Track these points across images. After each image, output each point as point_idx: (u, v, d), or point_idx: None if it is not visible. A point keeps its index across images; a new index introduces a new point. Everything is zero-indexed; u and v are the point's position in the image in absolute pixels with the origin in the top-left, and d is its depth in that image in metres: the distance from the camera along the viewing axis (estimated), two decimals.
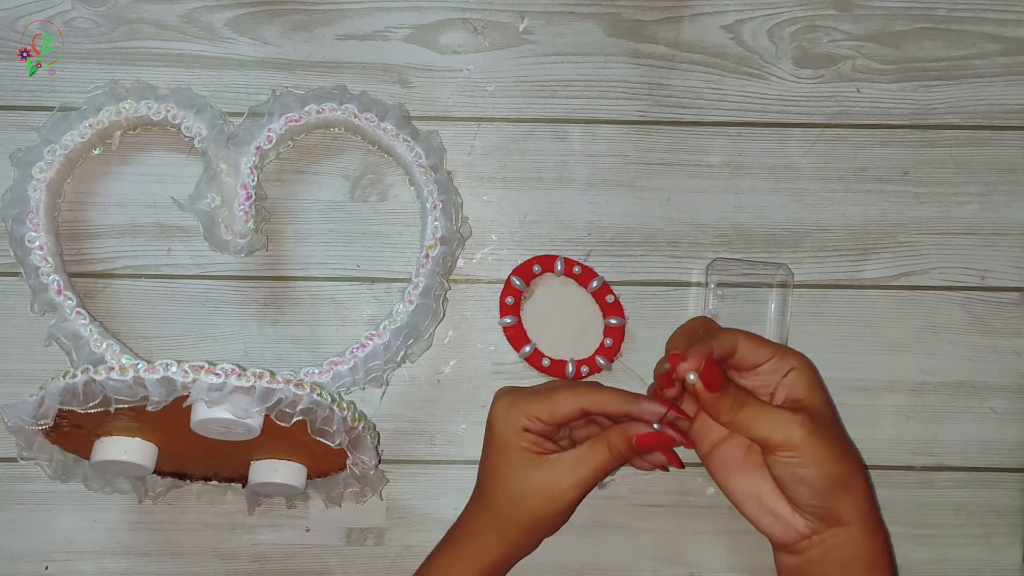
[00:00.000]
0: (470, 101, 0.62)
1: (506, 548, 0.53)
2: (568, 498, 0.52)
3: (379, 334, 0.58)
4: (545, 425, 0.51)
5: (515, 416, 0.52)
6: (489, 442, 0.53)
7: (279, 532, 0.60)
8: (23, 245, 0.57)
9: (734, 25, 0.63)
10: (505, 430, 0.52)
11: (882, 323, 0.61)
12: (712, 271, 0.60)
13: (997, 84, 0.63)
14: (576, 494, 0.52)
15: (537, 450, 0.51)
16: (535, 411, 0.51)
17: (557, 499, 0.51)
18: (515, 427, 0.52)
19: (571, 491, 0.51)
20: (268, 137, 0.59)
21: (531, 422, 0.51)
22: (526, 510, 0.52)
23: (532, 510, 0.52)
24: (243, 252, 0.59)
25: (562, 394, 0.51)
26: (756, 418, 0.49)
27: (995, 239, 0.62)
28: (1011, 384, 0.61)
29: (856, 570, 0.49)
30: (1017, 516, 0.60)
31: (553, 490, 0.51)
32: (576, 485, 0.51)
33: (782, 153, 0.62)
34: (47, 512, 0.59)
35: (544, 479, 0.51)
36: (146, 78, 0.61)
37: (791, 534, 0.50)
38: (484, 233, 0.61)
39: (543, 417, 0.51)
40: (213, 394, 0.48)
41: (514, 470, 0.52)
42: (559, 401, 0.51)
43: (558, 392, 0.52)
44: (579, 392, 0.52)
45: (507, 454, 0.52)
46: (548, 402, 0.51)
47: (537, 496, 0.51)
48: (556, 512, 0.52)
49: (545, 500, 0.51)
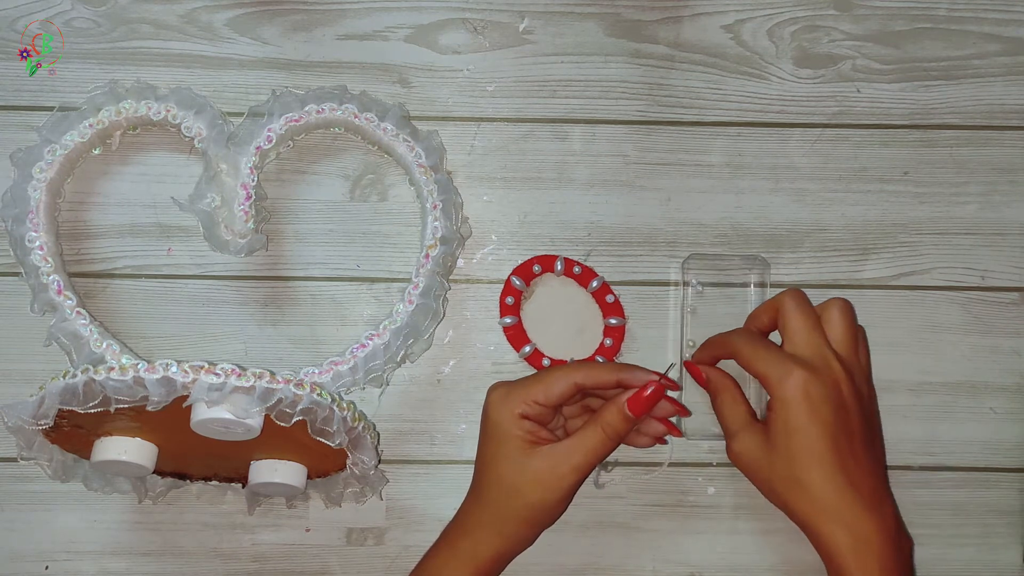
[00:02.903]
0: (470, 101, 0.62)
1: (502, 543, 0.53)
2: (565, 484, 0.52)
3: (379, 334, 0.58)
4: (542, 408, 0.52)
5: (512, 403, 0.52)
6: (485, 434, 0.53)
7: (279, 532, 0.60)
8: (23, 245, 0.57)
9: (734, 25, 0.63)
10: (501, 419, 0.52)
11: (882, 323, 0.61)
12: (688, 268, 0.60)
13: (997, 84, 0.63)
14: (573, 479, 0.52)
15: (533, 439, 0.52)
16: (531, 394, 0.52)
17: (554, 487, 0.52)
18: (512, 414, 0.52)
19: (568, 476, 0.51)
20: (268, 137, 0.59)
21: (528, 406, 0.52)
22: (523, 501, 0.52)
23: (529, 500, 0.52)
24: (243, 252, 0.59)
25: (555, 373, 0.52)
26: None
27: (995, 239, 0.62)
28: (1011, 384, 0.61)
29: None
30: (1016, 516, 0.60)
31: (550, 478, 0.51)
32: (573, 470, 0.51)
33: (782, 153, 0.62)
34: (47, 512, 0.59)
35: (541, 467, 0.51)
36: (146, 78, 0.61)
37: None
38: (484, 233, 0.62)
39: (539, 399, 0.52)
40: (213, 394, 0.48)
41: (511, 460, 0.52)
42: (553, 379, 0.52)
43: (551, 372, 0.53)
44: (571, 368, 0.52)
45: (503, 444, 0.52)
46: (542, 383, 0.52)
47: (534, 485, 0.51)
48: (554, 501, 0.52)
49: (543, 489, 0.52)
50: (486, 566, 0.53)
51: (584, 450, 0.51)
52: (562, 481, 0.51)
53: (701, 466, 0.60)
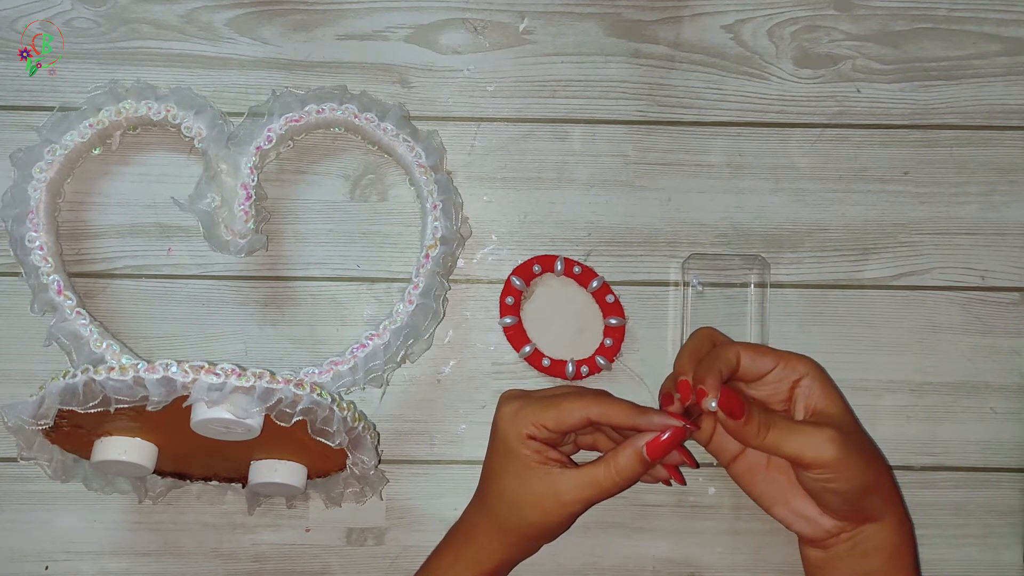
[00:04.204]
0: (470, 101, 0.62)
1: (505, 552, 0.53)
2: (566, 512, 0.52)
3: (379, 334, 0.58)
4: (550, 433, 0.51)
5: (520, 423, 0.51)
6: (493, 446, 0.53)
7: (279, 532, 0.60)
8: (23, 245, 0.57)
9: (734, 25, 0.63)
10: (509, 436, 0.52)
11: (882, 323, 0.61)
12: (688, 268, 0.60)
13: (997, 84, 0.63)
14: (575, 510, 0.52)
15: (540, 459, 0.51)
16: (541, 418, 0.51)
17: (555, 512, 0.51)
18: (519, 434, 0.51)
19: (571, 506, 0.51)
20: (268, 137, 0.59)
21: (536, 429, 0.51)
22: (524, 518, 0.52)
23: (530, 519, 0.52)
24: (243, 252, 0.59)
25: (569, 403, 0.51)
26: (785, 438, 0.49)
27: (995, 239, 0.62)
28: (1011, 384, 0.61)
29: (881, 559, 0.50)
30: (1017, 516, 0.60)
31: (552, 503, 0.51)
32: (576, 501, 0.51)
33: (782, 153, 0.62)
34: (47, 512, 0.59)
35: (544, 491, 0.51)
36: (146, 78, 0.61)
37: (820, 532, 0.51)
38: (484, 233, 0.61)
39: (549, 425, 0.51)
40: (213, 394, 0.48)
41: (515, 477, 0.51)
42: (566, 410, 0.51)
43: (565, 400, 0.51)
44: (586, 402, 0.51)
45: (509, 459, 0.52)
46: (554, 409, 0.51)
47: (535, 507, 0.51)
48: (554, 523, 0.52)
49: (543, 512, 0.51)
50: (489, 572, 0.53)
51: (592, 486, 0.51)
52: (564, 509, 0.51)
53: (701, 467, 0.60)
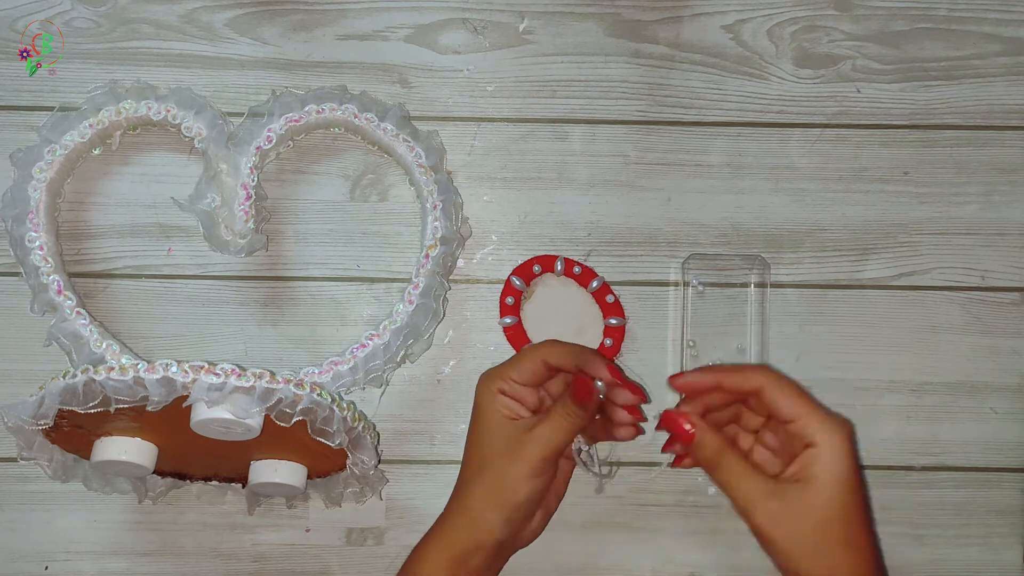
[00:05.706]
0: (470, 101, 0.62)
1: (472, 529, 0.52)
2: (532, 455, 0.51)
3: (379, 334, 0.58)
4: (516, 384, 0.53)
5: (491, 380, 0.54)
6: (472, 417, 0.55)
7: (279, 532, 0.60)
8: (23, 245, 0.57)
9: (734, 25, 0.63)
10: (483, 397, 0.54)
11: (882, 323, 0.61)
12: (688, 268, 0.60)
13: (997, 84, 0.63)
14: (538, 451, 0.52)
15: (511, 415, 0.53)
16: (506, 371, 0.54)
17: (523, 457, 0.52)
18: (490, 391, 0.53)
19: (533, 446, 0.52)
20: (268, 137, 0.59)
21: (504, 382, 0.53)
22: (492, 474, 0.52)
23: (498, 473, 0.52)
24: (243, 252, 0.59)
25: (528, 351, 0.54)
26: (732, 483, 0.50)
27: (995, 239, 0.62)
28: (1011, 384, 0.61)
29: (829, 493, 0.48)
30: (1017, 516, 0.60)
31: (516, 447, 0.52)
32: (536, 440, 0.52)
33: (782, 153, 0.62)
34: (47, 512, 0.59)
35: (509, 436, 0.52)
36: (146, 78, 0.61)
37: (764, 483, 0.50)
38: (484, 233, 0.62)
39: (513, 375, 0.53)
40: (213, 394, 0.48)
41: (487, 435, 0.53)
42: (526, 357, 0.54)
43: (525, 350, 0.55)
44: (542, 346, 0.54)
45: (483, 420, 0.53)
46: (515, 360, 0.54)
47: (503, 456, 0.52)
48: (522, 474, 0.52)
49: (510, 458, 0.52)
50: (462, 556, 0.52)
51: (549, 426, 0.52)
52: (528, 451, 0.52)
53: None
